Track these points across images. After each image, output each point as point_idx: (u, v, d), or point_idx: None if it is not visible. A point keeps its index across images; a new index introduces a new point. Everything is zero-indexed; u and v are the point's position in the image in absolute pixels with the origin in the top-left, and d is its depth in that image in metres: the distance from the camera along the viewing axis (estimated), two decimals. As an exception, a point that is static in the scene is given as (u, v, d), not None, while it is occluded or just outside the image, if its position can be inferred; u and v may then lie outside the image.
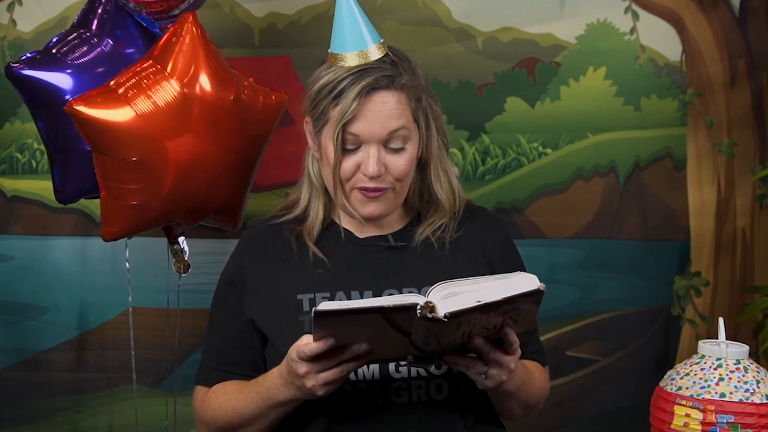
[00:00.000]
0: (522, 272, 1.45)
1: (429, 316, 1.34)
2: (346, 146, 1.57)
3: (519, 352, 1.47)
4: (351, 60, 1.57)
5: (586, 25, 2.68)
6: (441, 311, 1.34)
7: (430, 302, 1.35)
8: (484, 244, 1.69)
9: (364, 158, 1.57)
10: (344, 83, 1.55)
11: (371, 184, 1.58)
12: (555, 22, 2.68)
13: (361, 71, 1.56)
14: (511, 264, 1.69)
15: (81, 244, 2.64)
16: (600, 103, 2.70)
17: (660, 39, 2.70)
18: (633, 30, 2.69)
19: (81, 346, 2.65)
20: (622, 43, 2.69)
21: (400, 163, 1.58)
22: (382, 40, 1.60)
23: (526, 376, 1.60)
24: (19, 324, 2.64)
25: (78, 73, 2.07)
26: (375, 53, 1.58)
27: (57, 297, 2.64)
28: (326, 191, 1.66)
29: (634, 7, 2.69)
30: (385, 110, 1.55)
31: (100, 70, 2.08)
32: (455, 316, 1.34)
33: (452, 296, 1.37)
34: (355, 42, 1.58)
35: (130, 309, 2.32)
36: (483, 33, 2.67)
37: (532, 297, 1.39)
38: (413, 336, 1.39)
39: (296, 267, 1.64)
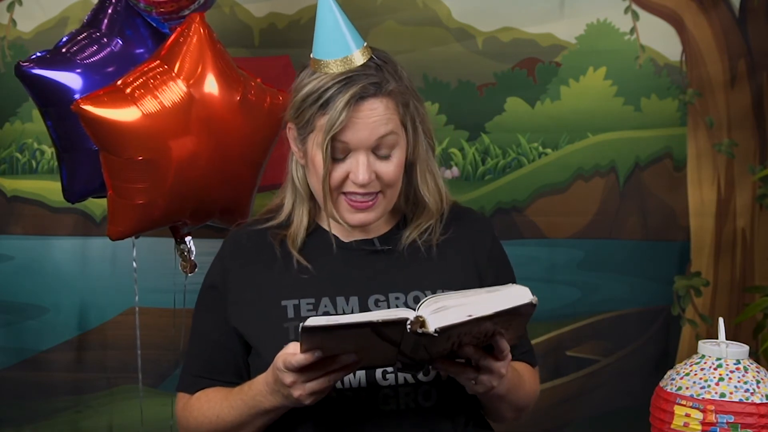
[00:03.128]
0: (514, 284, 1.43)
1: (419, 331, 1.32)
2: (335, 155, 1.54)
3: (509, 357, 1.45)
4: (335, 67, 1.54)
5: (586, 25, 2.68)
6: (431, 326, 1.32)
7: (420, 317, 1.33)
8: (471, 246, 1.67)
9: (353, 166, 1.54)
10: (331, 92, 1.52)
11: (361, 190, 1.56)
12: (555, 22, 2.68)
13: (347, 79, 1.53)
14: (499, 264, 1.69)
15: (81, 244, 2.64)
16: (600, 103, 2.70)
17: (660, 39, 2.70)
18: (633, 30, 2.69)
19: (81, 346, 2.65)
20: (622, 43, 2.69)
21: (390, 169, 1.56)
22: (365, 44, 1.57)
23: (516, 379, 1.58)
24: (19, 324, 2.64)
25: (87, 73, 2.07)
26: (359, 58, 1.55)
27: (57, 297, 2.64)
28: (311, 197, 1.64)
29: (634, 7, 2.69)
30: (373, 117, 1.53)
31: (110, 69, 2.08)
32: (446, 331, 1.32)
33: (442, 310, 1.34)
34: (338, 48, 1.55)
35: (137, 308, 2.32)
36: (483, 33, 2.67)
37: (523, 310, 1.38)
38: (402, 346, 1.38)
39: (280, 272, 1.61)
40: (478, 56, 2.67)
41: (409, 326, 1.32)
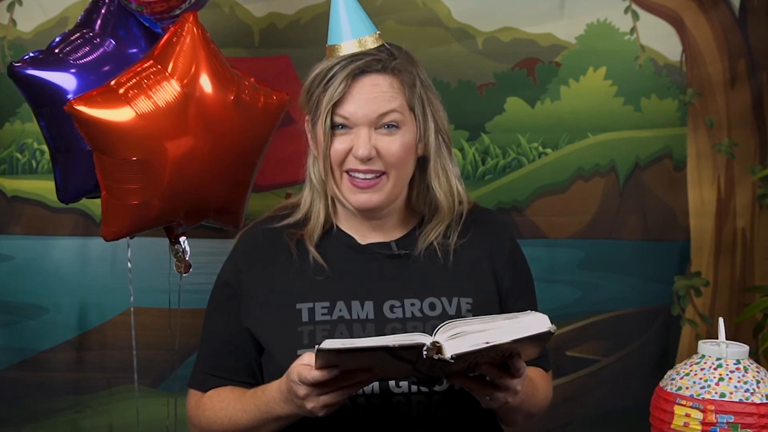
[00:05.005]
0: (533, 312, 1.43)
1: (435, 357, 1.32)
2: (335, 129, 1.54)
3: (525, 375, 1.45)
4: (347, 48, 1.55)
5: (586, 25, 2.68)
6: (448, 352, 1.31)
7: (437, 342, 1.32)
8: (489, 250, 1.65)
9: (355, 140, 1.53)
10: (335, 69, 1.53)
11: (362, 167, 1.54)
12: (555, 22, 2.68)
13: (354, 56, 1.53)
14: (517, 270, 1.67)
15: (81, 244, 2.64)
16: (600, 103, 2.70)
17: (660, 39, 2.70)
18: (633, 30, 2.69)
19: (81, 346, 2.65)
20: (622, 43, 2.69)
21: (393, 146, 1.54)
22: (378, 32, 1.59)
23: (531, 389, 1.57)
24: (19, 324, 2.64)
25: (80, 73, 2.07)
26: (372, 42, 1.56)
27: (57, 297, 2.64)
28: (327, 194, 1.62)
29: (634, 7, 2.69)
30: (375, 92, 1.52)
31: (103, 70, 2.08)
32: (462, 357, 1.32)
33: (460, 336, 1.34)
34: (353, 30, 1.57)
35: (132, 309, 2.32)
36: (483, 33, 2.67)
37: (541, 336, 1.38)
38: (418, 364, 1.37)
39: (296, 273, 1.59)
40: (478, 56, 2.67)
41: (425, 352, 1.31)
